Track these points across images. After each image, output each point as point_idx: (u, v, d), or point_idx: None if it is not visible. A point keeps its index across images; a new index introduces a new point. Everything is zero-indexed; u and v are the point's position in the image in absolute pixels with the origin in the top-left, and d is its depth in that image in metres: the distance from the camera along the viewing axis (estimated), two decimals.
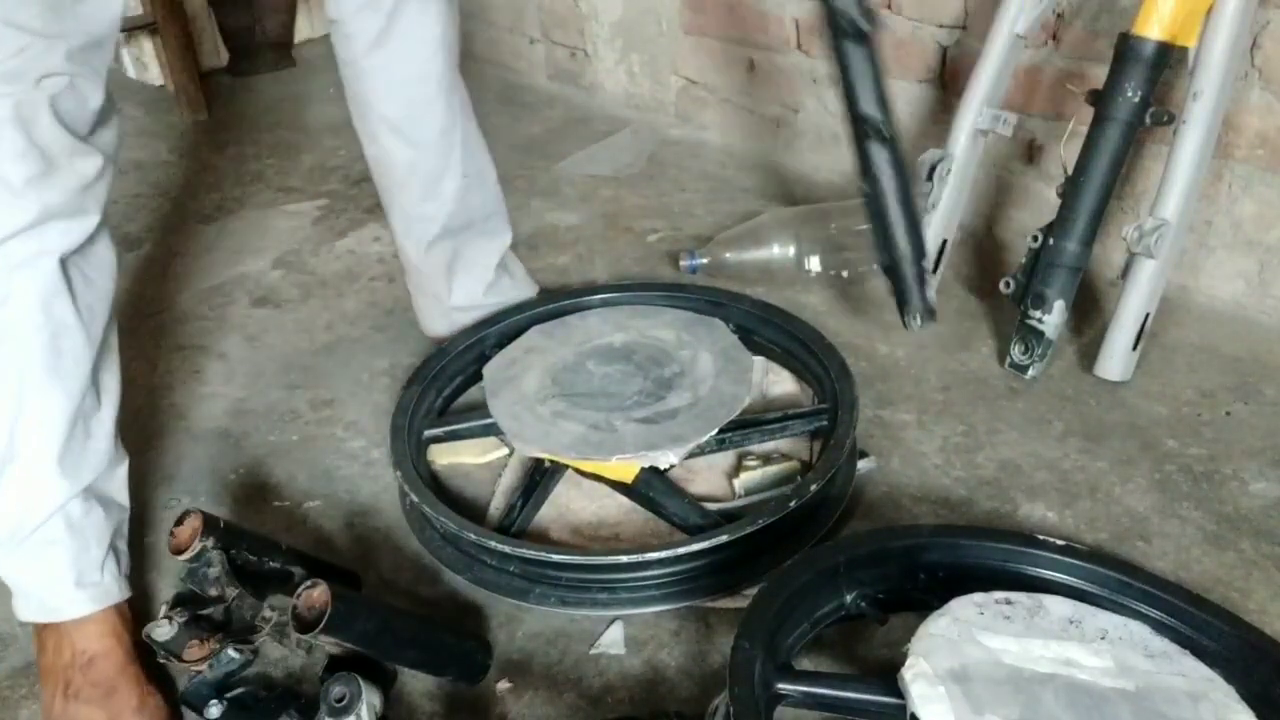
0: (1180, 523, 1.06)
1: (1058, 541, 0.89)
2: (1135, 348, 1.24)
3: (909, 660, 0.73)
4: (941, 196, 1.39)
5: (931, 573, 0.88)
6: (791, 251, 1.49)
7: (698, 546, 0.96)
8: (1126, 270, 1.23)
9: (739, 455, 1.15)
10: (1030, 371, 1.26)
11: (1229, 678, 0.76)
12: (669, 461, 1.07)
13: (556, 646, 0.98)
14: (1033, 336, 1.25)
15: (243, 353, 1.46)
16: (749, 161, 1.92)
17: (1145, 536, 1.05)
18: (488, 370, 1.24)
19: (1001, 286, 1.30)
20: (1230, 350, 1.31)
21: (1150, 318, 1.23)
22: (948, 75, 1.60)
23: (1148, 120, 1.20)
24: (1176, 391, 1.24)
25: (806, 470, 1.11)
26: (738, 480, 1.11)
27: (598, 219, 1.75)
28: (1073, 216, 1.23)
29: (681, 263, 1.53)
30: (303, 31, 2.67)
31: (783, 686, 0.74)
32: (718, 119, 2.01)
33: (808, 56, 1.79)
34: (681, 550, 0.97)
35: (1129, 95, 1.18)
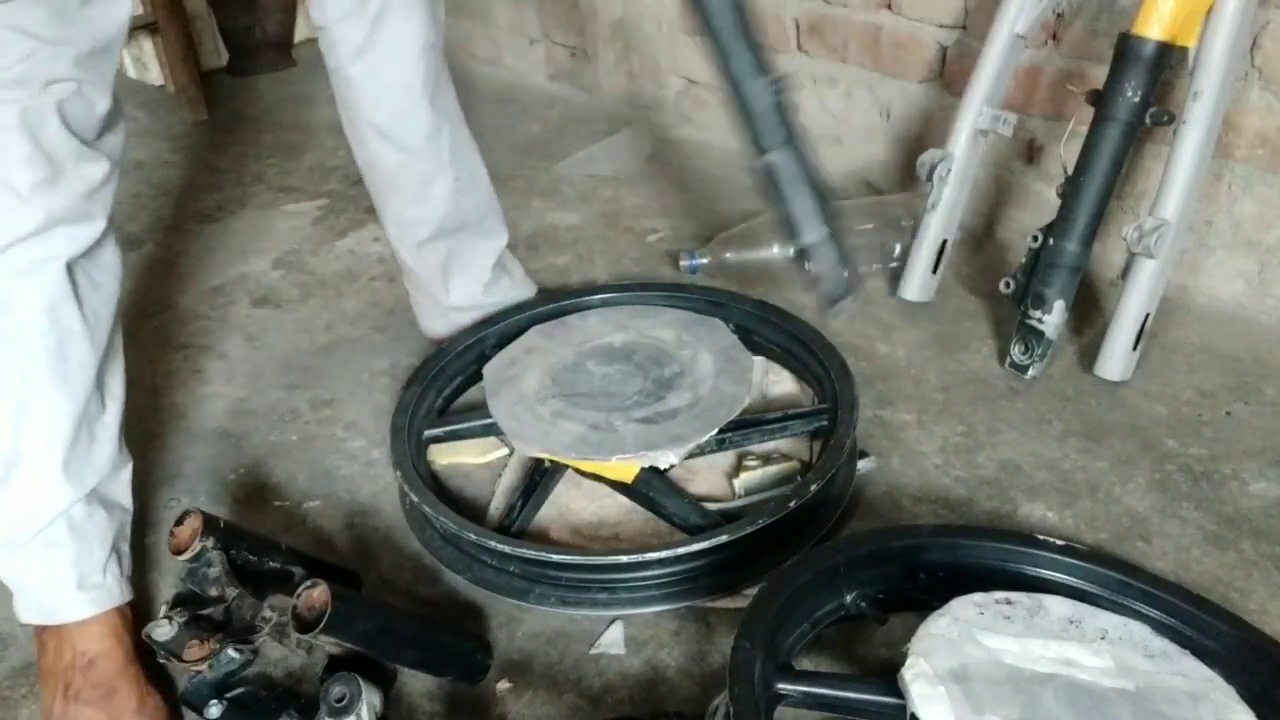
0: (1180, 523, 1.06)
1: (1058, 541, 0.89)
2: (1135, 348, 1.24)
3: (909, 660, 0.73)
4: (941, 196, 1.39)
5: (931, 573, 0.88)
6: (791, 251, 1.49)
7: (698, 546, 0.96)
8: (1126, 270, 1.23)
9: (739, 455, 1.15)
10: (1030, 371, 1.26)
11: (1229, 678, 0.76)
12: (669, 461, 1.07)
13: (556, 646, 0.98)
14: (1033, 336, 1.25)
15: (243, 353, 1.46)
16: (749, 161, 1.91)
17: (1145, 536, 1.05)
18: (488, 370, 1.24)
19: (1001, 286, 1.30)
20: (1230, 350, 1.31)
21: (1150, 318, 1.23)
22: (948, 75, 1.61)
23: (1148, 120, 1.20)
24: (1176, 391, 1.24)
25: (806, 470, 1.11)
26: (738, 480, 1.11)
27: (598, 219, 1.75)
28: (1073, 216, 1.23)
29: (681, 263, 1.53)
30: (303, 31, 2.66)
31: (783, 686, 0.74)
32: (718, 119, 2.01)
33: (808, 56, 1.79)
34: (681, 550, 0.97)
35: (1129, 95, 1.19)
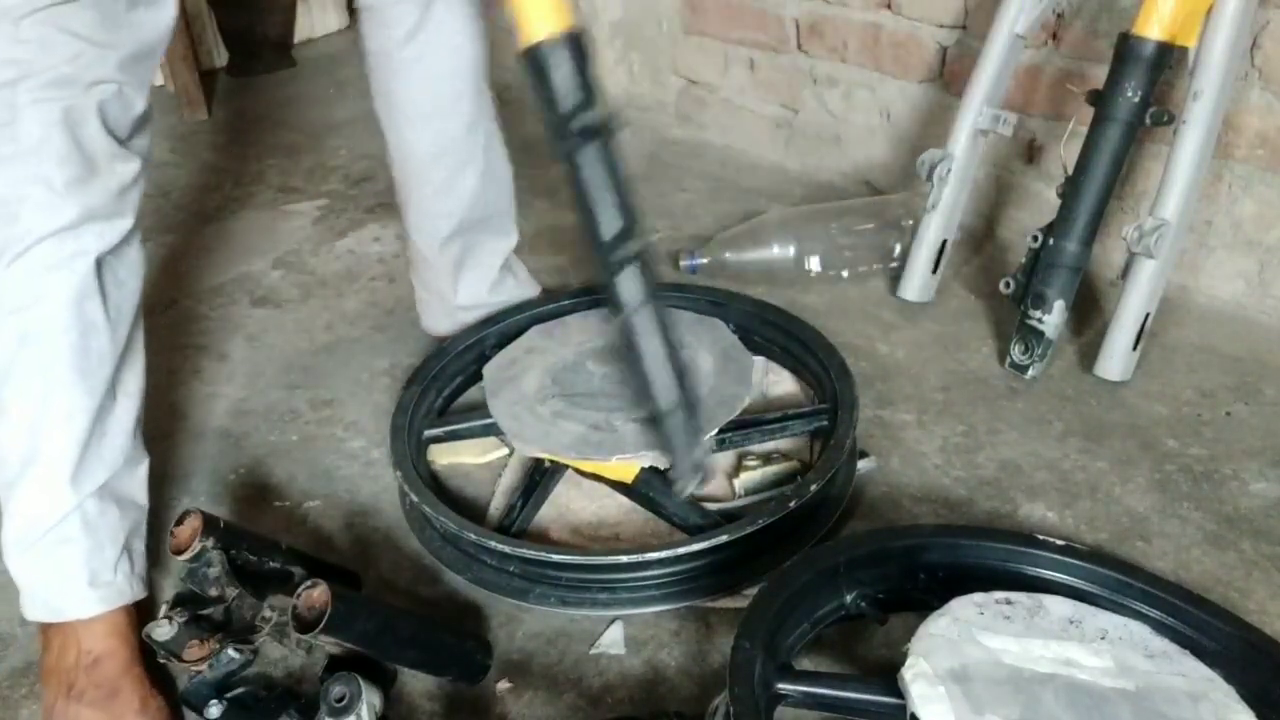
0: (1180, 523, 1.06)
1: (1058, 541, 0.89)
2: (1135, 348, 1.24)
3: (909, 660, 0.73)
4: (941, 196, 1.39)
5: (931, 573, 0.88)
6: (791, 251, 1.49)
7: (698, 546, 0.96)
8: (1126, 270, 1.23)
9: (739, 455, 1.15)
10: (1030, 371, 1.26)
11: (1229, 678, 0.76)
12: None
13: (556, 646, 0.98)
14: (1033, 336, 1.25)
15: (243, 353, 1.46)
16: (749, 161, 1.92)
17: (1145, 536, 1.05)
18: (488, 370, 1.24)
19: (1001, 286, 1.30)
20: (1230, 350, 1.31)
21: (1150, 318, 1.23)
22: (948, 75, 1.61)
23: (1148, 120, 1.20)
24: (1176, 391, 1.24)
25: (806, 470, 1.11)
26: (738, 480, 1.11)
27: None
28: (1073, 216, 1.23)
29: (681, 263, 1.53)
30: (303, 31, 2.67)
31: (783, 686, 0.74)
32: (718, 119, 2.01)
33: (808, 56, 1.79)
34: (681, 550, 0.97)
35: (1129, 95, 1.19)
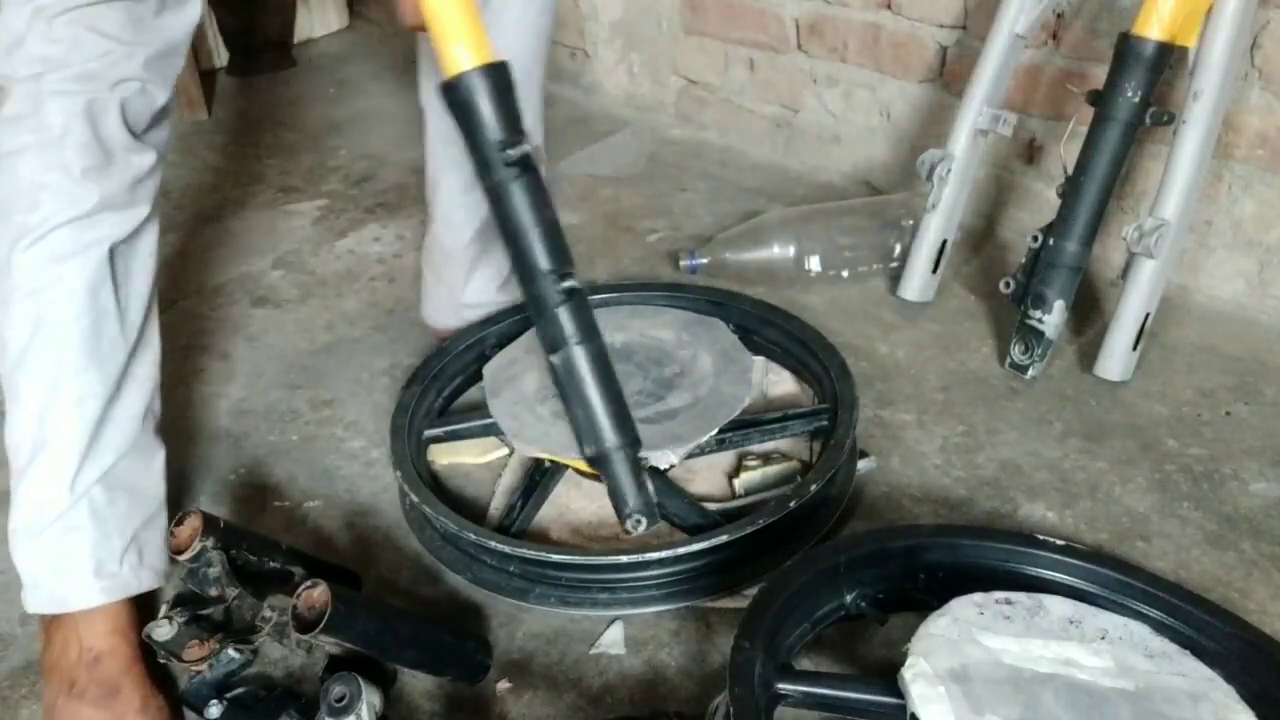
0: (1180, 523, 1.06)
1: (1058, 541, 0.89)
2: (1135, 348, 1.24)
3: (909, 660, 0.73)
4: (941, 196, 1.39)
5: (931, 573, 0.88)
6: (791, 251, 1.49)
7: (698, 546, 0.96)
8: (1126, 270, 1.23)
9: (739, 455, 1.15)
10: (1030, 371, 1.26)
11: (1229, 678, 0.76)
12: (669, 461, 1.06)
13: (556, 646, 0.98)
14: (1033, 336, 1.25)
15: (243, 352, 1.46)
16: (749, 161, 1.92)
17: (1145, 536, 1.05)
18: (488, 370, 1.24)
19: (1001, 286, 1.30)
20: (1230, 350, 1.31)
21: (1150, 318, 1.23)
22: (948, 75, 1.61)
23: (1148, 120, 1.20)
24: (1176, 391, 1.24)
25: (806, 470, 1.11)
26: (738, 480, 1.11)
27: (598, 219, 1.75)
28: (1073, 216, 1.23)
29: (681, 263, 1.53)
30: (303, 31, 2.67)
31: (783, 686, 0.74)
32: (718, 119, 2.01)
33: (808, 56, 1.79)
34: (681, 550, 0.97)
35: (1129, 95, 1.18)
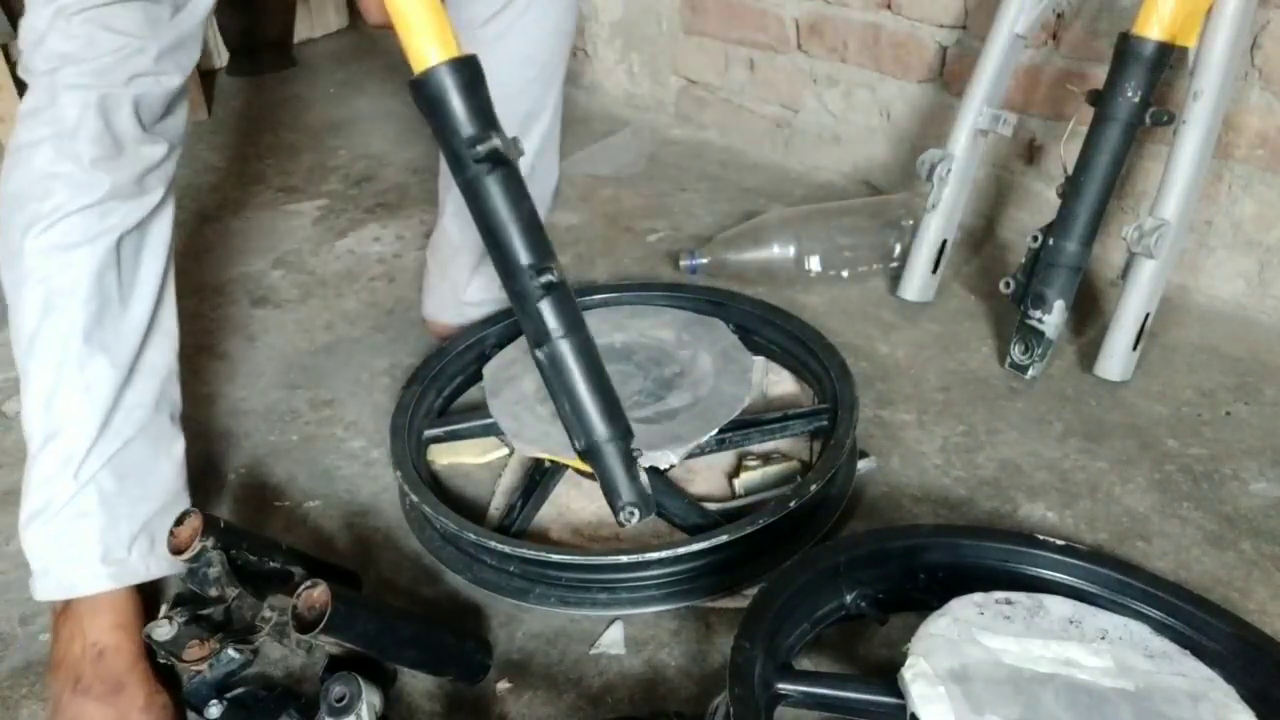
0: (1180, 523, 1.06)
1: (1058, 541, 0.89)
2: (1135, 348, 1.24)
3: (909, 660, 0.73)
4: (941, 196, 1.39)
5: (931, 573, 0.88)
6: (791, 251, 1.49)
7: (698, 546, 0.96)
8: (1126, 270, 1.23)
9: (739, 455, 1.15)
10: (1030, 371, 1.26)
11: (1229, 678, 0.76)
12: (669, 461, 1.07)
13: (556, 646, 0.98)
14: (1033, 336, 1.25)
15: (243, 352, 1.46)
16: (749, 161, 1.92)
17: (1145, 536, 1.05)
18: (488, 370, 1.24)
19: (1001, 286, 1.30)
20: (1230, 350, 1.31)
21: (1150, 318, 1.23)
22: (948, 75, 1.61)
23: (1148, 120, 1.20)
24: (1176, 391, 1.24)
25: (806, 470, 1.11)
26: (738, 480, 1.11)
27: (598, 219, 1.75)
28: (1073, 216, 1.23)
29: (681, 263, 1.53)
30: (303, 31, 2.67)
31: (783, 686, 0.74)
32: (718, 119, 2.01)
33: (808, 56, 1.79)
34: (681, 550, 0.97)
35: (1129, 95, 1.19)
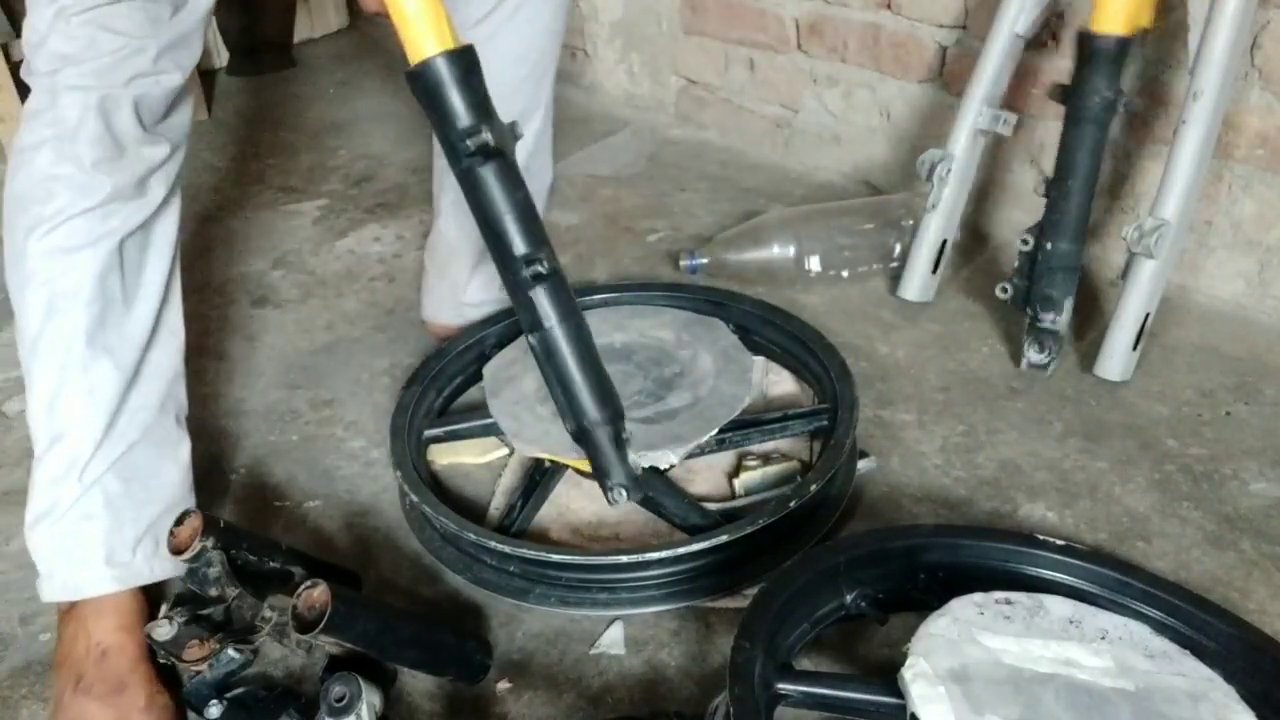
0: (1180, 523, 1.06)
1: (1058, 541, 0.89)
2: (1135, 348, 1.24)
3: (909, 660, 0.73)
4: (941, 196, 1.39)
5: (931, 573, 0.88)
6: (791, 251, 1.49)
7: (698, 546, 0.96)
8: (1126, 270, 1.23)
9: (739, 455, 1.15)
10: (1050, 369, 1.27)
11: (1229, 678, 0.76)
12: (669, 461, 1.07)
13: (556, 646, 0.98)
14: (1047, 337, 1.26)
15: (242, 352, 1.45)
16: (749, 161, 1.92)
17: (1145, 536, 1.05)
18: (488, 370, 1.24)
19: (999, 292, 1.30)
20: (1230, 350, 1.31)
21: (1150, 318, 1.23)
22: (948, 75, 1.61)
23: (1120, 110, 1.19)
24: (1176, 391, 1.24)
25: (806, 470, 1.11)
26: (738, 480, 1.11)
27: (598, 219, 1.75)
28: (1063, 217, 1.23)
29: (681, 263, 1.53)
30: (303, 31, 2.67)
31: (783, 686, 0.74)
32: (718, 119, 2.01)
33: (808, 56, 1.79)
34: (681, 550, 0.97)
35: (1102, 92, 1.17)
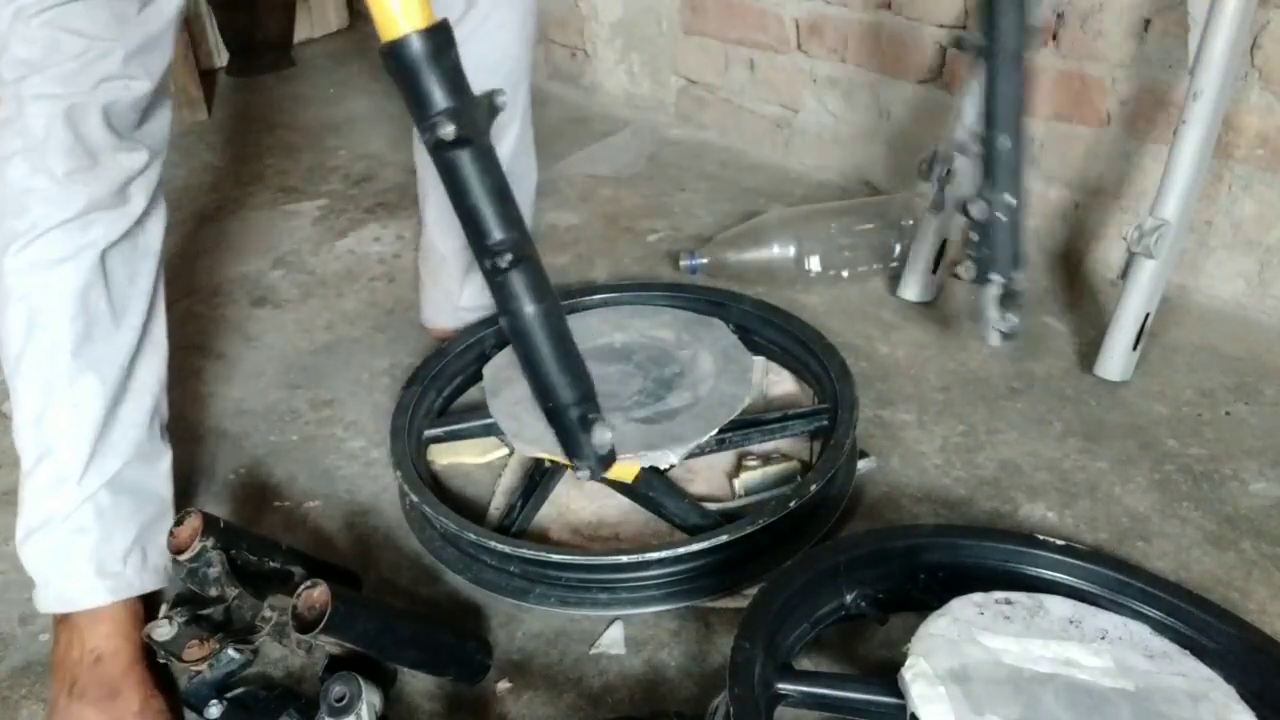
0: (1180, 523, 1.06)
1: (1058, 541, 0.89)
2: (1135, 348, 1.24)
3: (909, 660, 0.73)
4: (942, 197, 1.39)
5: (931, 573, 0.88)
6: (791, 251, 1.49)
7: (698, 546, 0.96)
8: (1126, 270, 1.23)
9: (739, 455, 1.15)
10: (1018, 330, 1.16)
11: (1229, 678, 0.76)
12: (669, 461, 1.07)
13: (556, 646, 0.98)
14: (1010, 299, 1.15)
15: (242, 353, 1.45)
16: (749, 161, 1.92)
17: (1145, 536, 1.05)
18: (488, 370, 1.24)
19: (961, 273, 1.18)
20: (1230, 350, 1.31)
21: (1150, 318, 1.23)
22: (948, 75, 1.61)
23: (1033, 42, 1.10)
24: (1176, 391, 1.24)
25: (806, 470, 1.11)
26: (738, 480, 1.11)
27: (598, 219, 1.75)
28: (1003, 169, 1.10)
29: (681, 263, 1.53)
30: (303, 31, 2.67)
31: (783, 686, 0.74)
32: (718, 119, 2.01)
33: (808, 56, 1.79)
34: (681, 550, 0.97)
35: (1014, 22, 1.06)
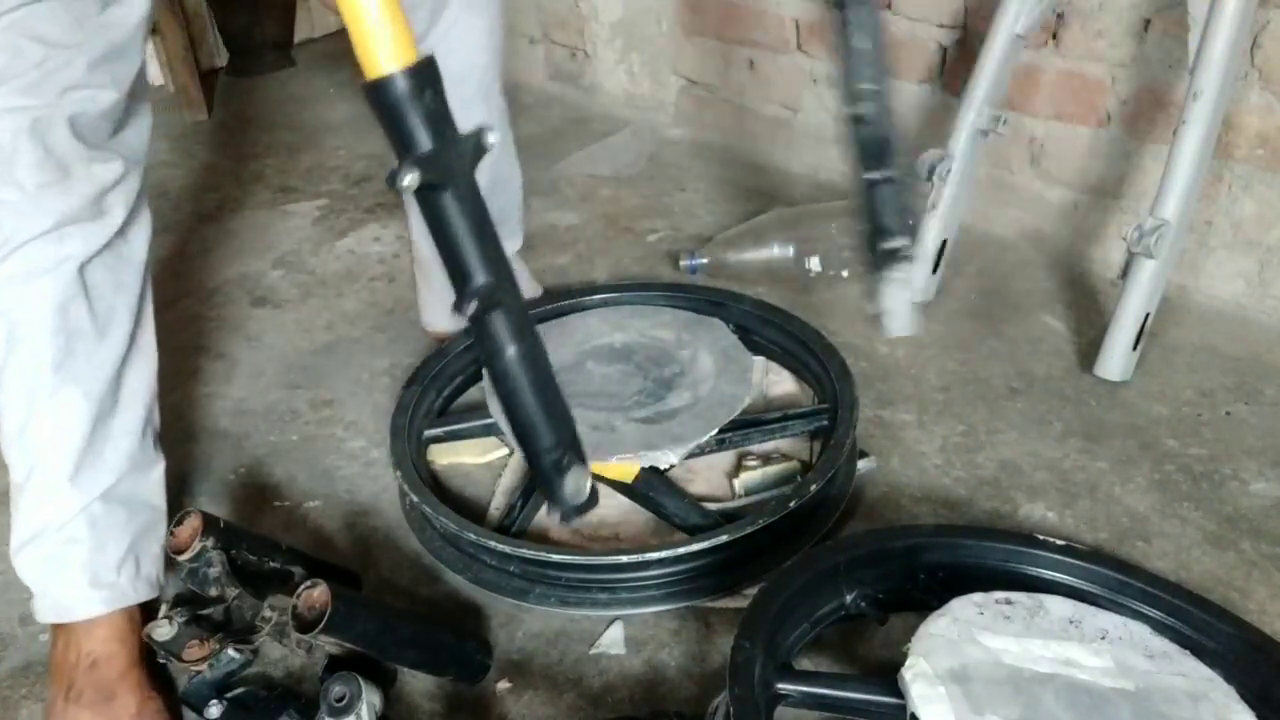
0: (1180, 523, 1.06)
1: (1058, 541, 0.89)
2: (1135, 348, 1.24)
3: (909, 660, 0.73)
4: (941, 196, 1.39)
5: (931, 573, 0.88)
6: (791, 251, 1.49)
7: (698, 546, 0.96)
8: (1126, 270, 1.23)
9: (739, 455, 1.15)
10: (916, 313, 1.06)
11: (1229, 678, 0.76)
12: (669, 461, 1.07)
13: (556, 646, 0.98)
14: (898, 282, 1.04)
15: (242, 353, 1.45)
16: (749, 161, 1.91)
17: (1145, 536, 1.05)
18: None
19: (863, 248, 1.04)
20: (1230, 350, 1.31)
21: (1150, 318, 1.23)
22: (948, 75, 1.60)
23: None
24: (1176, 391, 1.24)
25: (806, 470, 1.11)
26: (738, 480, 1.11)
27: (598, 219, 1.75)
28: (877, 136, 0.95)
29: (681, 263, 1.53)
30: (303, 31, 2.66)
31: (783, 686, 0.74)
32: (718, 119, 2.01)
33: (808, 56, 1.79)
34: (681, 550, 0.97)
35: None
